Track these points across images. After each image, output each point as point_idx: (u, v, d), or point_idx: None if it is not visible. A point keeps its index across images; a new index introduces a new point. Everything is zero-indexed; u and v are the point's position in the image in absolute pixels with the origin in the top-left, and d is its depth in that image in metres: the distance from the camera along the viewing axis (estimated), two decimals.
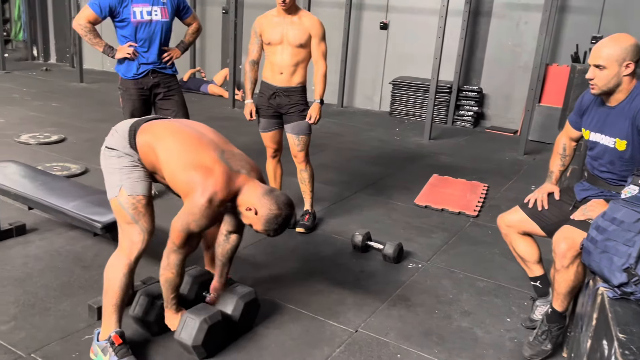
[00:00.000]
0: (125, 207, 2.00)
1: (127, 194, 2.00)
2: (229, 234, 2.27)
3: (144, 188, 2.04)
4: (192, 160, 1.95)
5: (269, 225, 1.98)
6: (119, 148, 2.04)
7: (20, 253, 2.89)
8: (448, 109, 7.24)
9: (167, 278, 2.05)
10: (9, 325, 2.25)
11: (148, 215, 2.04)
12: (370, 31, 7.81)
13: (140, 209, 2.01)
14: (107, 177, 2.07)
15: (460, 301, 2.75)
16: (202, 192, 1.89)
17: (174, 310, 2.15)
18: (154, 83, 3.54)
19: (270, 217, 1.97)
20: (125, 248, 2.02)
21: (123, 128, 2.07)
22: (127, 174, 2.02)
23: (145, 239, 2.03)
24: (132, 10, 3.36)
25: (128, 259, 2.02)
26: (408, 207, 4.05)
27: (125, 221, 2.03)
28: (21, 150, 4.68)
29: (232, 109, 7.38)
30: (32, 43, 10.88)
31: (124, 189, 2.00)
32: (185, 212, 1.93)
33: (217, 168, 1.94)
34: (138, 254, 2.03)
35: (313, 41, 3.23)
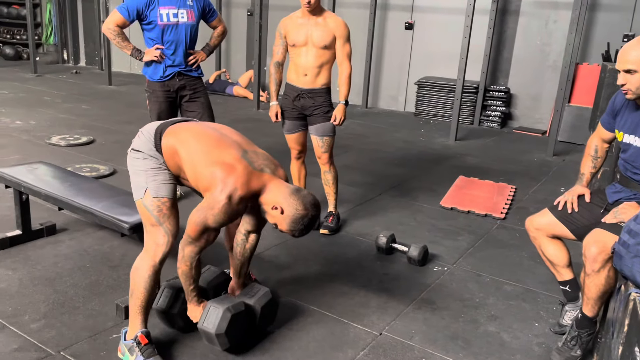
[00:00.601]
0: (150, 209, 2.03)
1: (152, 196, 2.03)
2: (248, 233, 2.28)
3: (168, 190, 2.06)
4: (214, 158, 1.98)
5: (295, 225, 1.98)
6: (145, 150, 2.07)
7: (51, 252, 2.95)
8: (474, 109, 7.14)
9: (183, 271, 2.07)
10: (39, 324, 2.30)
11: (172, 218, 2.06)
12: (395, 31, 7.76)
13: (164, 211, 2.03)
14: (133, 178, 2.10)
15: (487, 305, 2.70)
16: (223, 188, 1.91)
17: (195, 302, 2.17)
18: (180, 85, 3.58)
19: (297, 217, 1.97)
20: (150, 250, 2.05)
21: (149, 130, 2.10)
22: (152, 176, 2.04)
23: (169, 241, 2.05)
24: (158, 12, 3.41)
25: (153, 261, 2.04)
26: (433, 209, 4.00)
27: (150, 223, 2.05)
28: (52, 151, 4.79)
29: (256, 111, 7.42)
30: (63, 47, 11.14)
31: (149, 191, 2.03)
32: (204, 207, 1.94)
33: (238, 166, 1.96)
34: (162, 256, 2.05)
35: (338, 42, 3.23)
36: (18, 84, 8.19)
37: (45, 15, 11.18)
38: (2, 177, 2.92)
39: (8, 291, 2.53)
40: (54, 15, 11.03)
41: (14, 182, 2.87)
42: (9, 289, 2.55)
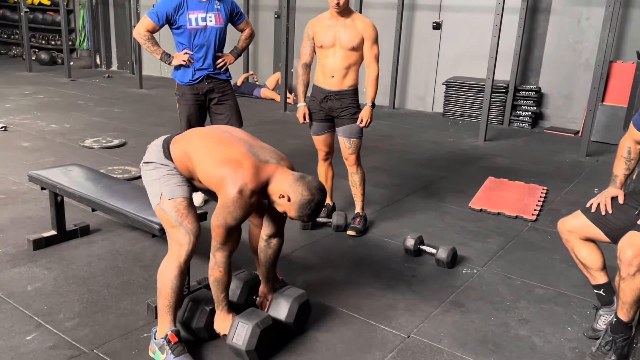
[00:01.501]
0: (167, 211, 2.09)
1: (168, 199, 2.09)
2: (270, 238, 2.31)
3: (183, 191, 2.12)
4: (222, 156, 2.03)
5: (302, 210, 2.01)
6: (155, 160, 2.16)
7: (85, 253, 3.03)
8: (504, 110, 7.03)
9: (215, 277, 2.09)
10: (73, 322, 2.36)
11: (191, 216, 2.10)
12: (423, 31, 7.70)
13: (182, 211, 2.08)
14: (148, 189, 2.18)
15: (518, 308, 2.65)
16: (233, 184, 1.95)
17: (225, 311, 2.19)
18: (208, 88, 3.63)
19: (303, 203, 2.00)
20: (174, 251, 2.08)
21: (157, 143, 2.21)
22: (165, 181, 2.12)
23: (191, 240, 2.08)
24: (187, 17, 3.46)
25: (177, 262, 2.07)
26: (462, 211, 3.95)
27: (170, 225, 2.10)
28: (85, 154, 4.92)
29: (283, 113, 7.46)
30: (95, 51, 11.41)
31: (164, 195, 2.10)
32: (220, 207, 1.99)
33: (245, 160, 2.01)
34: (186, 255, 2.08)
35: (365, 44, 3.22)
36: (53, 88, 8.43)
37: (78, 21, 11.48)
38: (38, 179, 3.01)
39: (44, 290, 2.61)
40: (87, 21, 11.31)
41: (49, 184, 2.96)
42: (45, 288, 2.63)
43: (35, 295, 2.56)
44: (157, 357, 2.11)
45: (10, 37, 12.68)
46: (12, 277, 2.71)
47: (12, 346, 2.17)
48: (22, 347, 2.17)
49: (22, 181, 4.04)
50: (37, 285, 2.65)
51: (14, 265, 2.83)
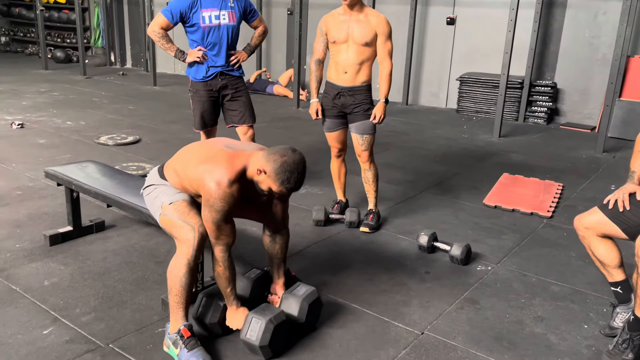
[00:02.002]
0: (170, 214, 2.14)
1: (168, 204, 2.16)
2: (274, 234, 2.34)
3: (181, 196, 2.20)
4: (200, 157, 2.13)
5: (281, 176, 2.01)
6: (153, 182, 2.28)
7: (100, 248, 3.06)
8: (519, 105, 6.96)
9: (218, 273, 2.13)
10: (89, 317, 2.38)
11: (193, 213, 2.13)
12: (437, 27, 7.65)
13: (183, 210, 2.13)
14: (151, 209, 2.28)
15: (533, 306, 2.63)
16: (210, 178, 2.01)
17: (235, 306, 2.20)
18: (222, 85, 3.64)
19: (278, 168, 2.01)
20: (182, 249, 2.10)
21: (153, 170, 2.35)
22: (163, 193, 2.21)
23: (195, 236, 2.08)
24: (201, 15, 3.47)
25: (186, 259, 2.08)
26: (476, 208, 3.92)
27: (174, 226, 2.13)
28: (100, 150, 4.96)
29: (296, 109, 7.47)
30: (110, 49, 11.51)
31: (164, 203, 2.18)
32: (204, 204, 2.05)
33: (219, 154, 2.09)
34: (194, 251, 2.08)
35: (379, 39, 3.20)
36: (68, 86, 8.52)
37: (93, 19, 11.58)
38: (55, 175, 3.04)
39: (60, 285, 2.64)
40: (102, 19, 11.41)
41: (65, 180, 2.99)
42: (61, 283, 2.66)
43: (52, 290, 2.59)
44: (171, 352, 2.13)
45: (27, 36, 12.83)
46: (29, 272, 2.75)
47: (29, 340, 2.20)
48: (39, 341, 2.20)
49: (38, 177, 4.09)
50: (54, 280, 2.68)
51: (31, 261, 2.87)
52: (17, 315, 2.37)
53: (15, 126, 5.71)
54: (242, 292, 2.39)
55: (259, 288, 2.43)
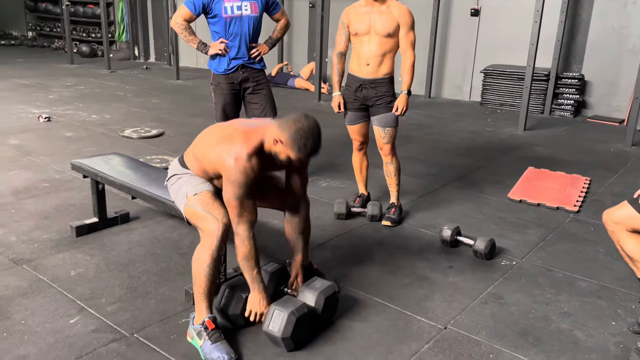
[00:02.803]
0: (194, 205, 2.16)
1: (192, 195, 2.18)
2: (292, 217, 2.37)
3: (206, 186, 2.21)
4: (217, 139, 2.16)
5: (297, 142, 2.02)
6: (176, 172, 2.31)
7: (125, 239, 3.10)
8: (545, 98, 6.83)
9: (244, 254, 2.11)
10: (114, 307, 2.42)
11: (217, 204, 2.14)
12: (460, 18, 7.54)
13: (207, 201, 2.15)
14: (176, 200, 2.30)
15: (559, 301, 2.58)
16: (229, 155, 2.04)
17: (259, 290, 2.16)
18: (243, 77, 3.64)
19: (293, 135, 2.02)
20: (206, 240, 2.11)
21: (174, 160, 2.38)
22: (187, 182, 2.23)
23: (220, 226, 2.09)
24: (223, 5, 3.47)
25: (210, 250, 2.09)
26: (501, 202, 3.87)
27: (199, 217, 2.14)
28: (125, 143, 5.03)
29: (317, 102, 7.45)
30: (134, 43, 11.64)
31: (188, 194, 2.19)
32: (225, 181, 2.06)
33: (235, 132, 2.13)
34: (218, 242, 2.09)
35: (401, 30, 3.16)
36: (93, 80, 8.65)
37: (117, 13, 11.71)
38: (81, 167, 3.09)
39: (86, 275, 2.69)
40: (126, 14, 11.54)
41: (91, 172, 3.03)
42: (87, 273, 2.70)
43: (78, 280, 2.64)
44: (194, 343, 2.14)
45: (53, 31, 13.07)
46: (57, 263, 2.80)
47: (56, 329, 2.24)
48: (66, 330, 2.24)
49: (65, 170, 4.16)
50: (80, 271, 2.73)
51: (58, 251, 2.92)
52: (45, 304, 2.42)
53: (43, 119, 5.83)
54: None
55: (276, 282, 2.44)
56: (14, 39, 13.69)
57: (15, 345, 2.13)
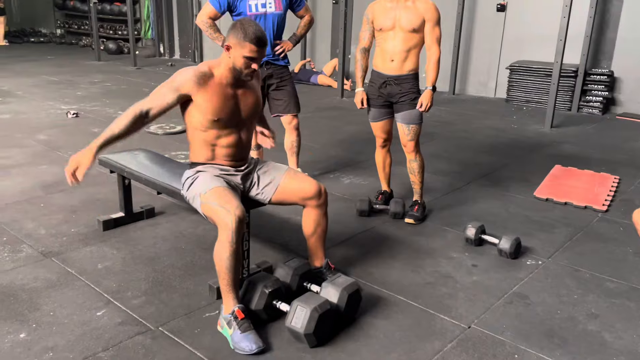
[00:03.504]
0: (208, 201, 2.22)
1: (204, 193, 2.24)
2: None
3: (217, 181, 2.28)
4: None
5: (239, 34, 2.18)
6: (188, 175, 2.40)
7: (150, 234, 3.14)
8: (573, 95, 6.70)
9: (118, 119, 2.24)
10: (140, 300, 2.46)
11: (230, 197, 2.19)
12: (486, 14, 7.43)
13: (219, 194, 2.20)
14: (194, 204, 2.34)
15: (586, 302, 2.53)
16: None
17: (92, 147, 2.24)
18: (267, 74, 3.65)
19: (234, 31, 2.20)
20: (223, 233, 2.13)
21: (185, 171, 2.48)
22: (198, 184, 2.31)
23: (234, 219, 2.11)
24: (247, 3, 3.49)
25: (227, 241, 2.12)
26: (527, 200, 3.81)
27: (213, 212, 2.18)
28: (150, 139, 5.09)
29: (340, 99, 7.44)
30: (159, 40, 11.77)
31: (201, 193, 2.26)
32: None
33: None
34: (233, 233, 2.11)
35: (427, 26, 3.13)
36: (120, 77, 8.79)
37: (143, 11, 11.86)
38: (108, 162, 3.14)
39: (113, 269, 2.73)
40: (152, 11, 11.67)
41: (117, 167, 3.08)
42: (114, 267, 2.75)
43: (105, 273, 2.69)
44: (224, 332, 2.17)
45: (81, 28, 13.31)
46: (84, 256, 2.86)
47: (84, 321, 2.29)
48: (93, 322, 2.29)
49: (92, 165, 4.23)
50: (107, 264, 2.78)
51: (85, 245, 2.98)
52: (73, 296, 2.47)
53: (71, 115, 5.94)
54: (283, 279, 2.42)
55: (299, 278, 2.44)
56: (43, 37, 13.98)
57: (44, 336, 2.18)
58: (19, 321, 2.27)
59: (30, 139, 5.06)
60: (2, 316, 2.30)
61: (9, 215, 3.33)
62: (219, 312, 2.25)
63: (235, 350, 2.10)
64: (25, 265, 2.74)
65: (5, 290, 2.49)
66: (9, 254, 2.85)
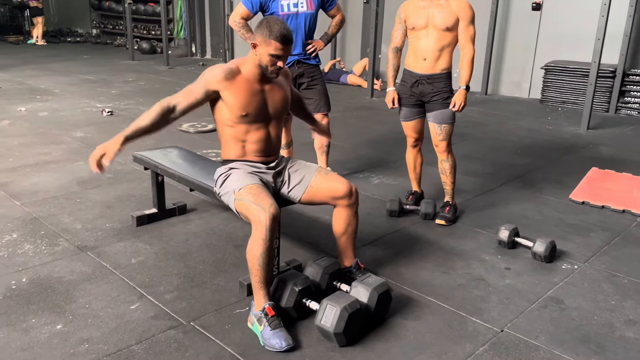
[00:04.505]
0: (242, 198, 2.23)
1: (238, 190, 2.25)
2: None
3: (251, 179, 2.29)
4: None
5: (265, 32, 2.20)
6: (221, 172, 2.42)
7: (182, 230, 3.19)
8: (611, 96, 6.52)
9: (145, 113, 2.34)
10: (172, 295, 2.50)
11: (264, 195, 2.20)
12: (521, 12, 7.29)
13: (253, 192, 2.20)
14: (228, 201, 2.35)
15: (624, 308, 2.45)
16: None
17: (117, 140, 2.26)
18: (298, 73, 3.66)
19: (260, 29, 2.22)
20: (257, 230, 2.14)
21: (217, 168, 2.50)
22: (232, 181, 2.32)
23: (268, 216, 2.12)
24: (280, 3, 3.50)
25: (261, 239, 2.12)
26: (562, 203, 3.72)
27: (247, 209, 2.19)
28: (182, 137, 5.17)
29: (370, 99, 7.41)
30: (191, 40, 11.95)
31: (235, 190, 2.27)
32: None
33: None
34: (267, 231, 2.12)
35: (461, 24, 3.09)
36: (153, 76, 8.95)
37: (176, 11, 12.06)
38: (142, 159, 3.20)
39: (146, 263, 2.78)
40: (184, 11, 11.85)
41: (151, 165, 3.13)
42: (147, 262, 2.80)
43: (139, 268, 2.74)
44: (255, 329, 2.19)
45: (115, 28, 13.61)
46: (118, 250, 2.91)
47: (118, 314, 2.33)
48: (127, 315, 2.33)
49: (127, 162, 4.32)
50: (140, 259, 2.82)
51: (119, 240, 3.04)
52: (108, 290, 2.52)
53: (105, 113, 6.08)
54: (313, 277, 2.42)
55: (329, 276, 2.44)
56: (79, 36, 14.35)
57: (80, 327, 2.23)
58: (56, 313, 2.33)
59: (66, 135, 5.19)
60: (40, 307, 2.36)
61: (47, 209, 3.43)
62: (249, 308, 2.27)
63: (265, 347, 2.11)
64: (62, 258, 2.81)
65: (43, 283, 2.56)
66: (47, 247, 2.93)
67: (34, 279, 2.60)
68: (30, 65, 9.81)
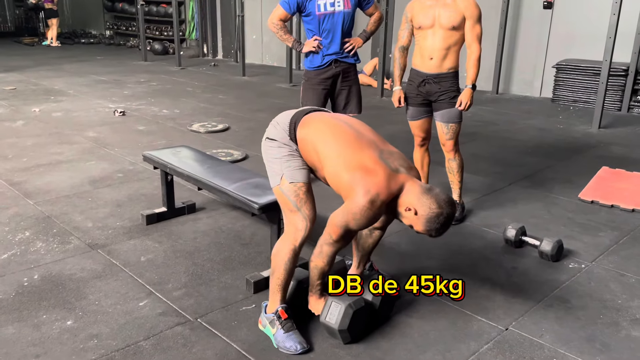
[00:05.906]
0: (287, 194, 2.09)
1: (289, 182, 2.08)
2: (373, 230, 2.33)
3: (303, 176, 2.10)
4: (353, 161, 1.98)
5: (430, 225, 1.94)
6: (279, 139, 2.13)
7: (191, 229, 3.23)
8: (623, 94, 6.45)
9: (317, 265, 2.12)
10: (180, 292, 2.53)
11: (309, 202, 2.11)
12: (532, 11, 7.25)
13: (301, 196, 2.09)
14: (268, 166, 2.17)
15: (632, 308, 2.44)
16: (364, 193, 1.90)
17: (317, 295, 2.23)
18: (335, 72, 3.64)
19: (431, 217, 1.92)
20: (290, 234, 2.12)
21: (284, 120, 2.15)
22: (286, 162, 2.10)
23: (307, 226, 2.10)
24: (316, 3, 3.49)
25: (293, 245, 2.12)
26: (571, 202, 3.70)
27: (288, 209, 2.12)
28: (192, 137, 5.22)
29: (380, 98, 7.41)
30: (203, 41, 12.03)
31: (284, 178, 2.09)
32: (346, 211, 1.96)
33: (378, 169, 1.95)
34: (302, 240, 2.12)
35: (467, 23, 3.09)
36: (165, 77, 9.03)
37: (188, 12, 12.14)
38: (152, 159, 3.24)
39: (155, 261, 2.82)
40: (196, 12, 11.94)
41: (161, 164, 3.18)
42: (156, 260, 2.84)
43: (148, 265, 2.78)
44: (267, 331, 2.20)
45: (128, 29, 13.75)
46: (128, 248, 2.96)
47: (127, 310, 2.38)
48: (135, 312, 2.37)
49: (137, 161, 4.39)
50: (149, 257, 2.87)
51: (129, 238, 3.09)
52: (117, 287, 2.57)
53: (118, 114, 6.15)
54: None
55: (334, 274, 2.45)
56: (93, 38, 14.52)
57: (90, 324, 2.27)
58: (67, 309, 2.37)
59: (79, 135, 5.27)
60: (51, 304, 2.41)
61: (59, 208, 3.49)
62: (257, 307, 2.29)
63: (279, 349, 2.13)
64: (73, 256, 2.86)
65: (54, 279, 2.62)
66: (59, 245, 2.98)
67: (46, 276, 2.65)
68: (45, 66, 9.96)
